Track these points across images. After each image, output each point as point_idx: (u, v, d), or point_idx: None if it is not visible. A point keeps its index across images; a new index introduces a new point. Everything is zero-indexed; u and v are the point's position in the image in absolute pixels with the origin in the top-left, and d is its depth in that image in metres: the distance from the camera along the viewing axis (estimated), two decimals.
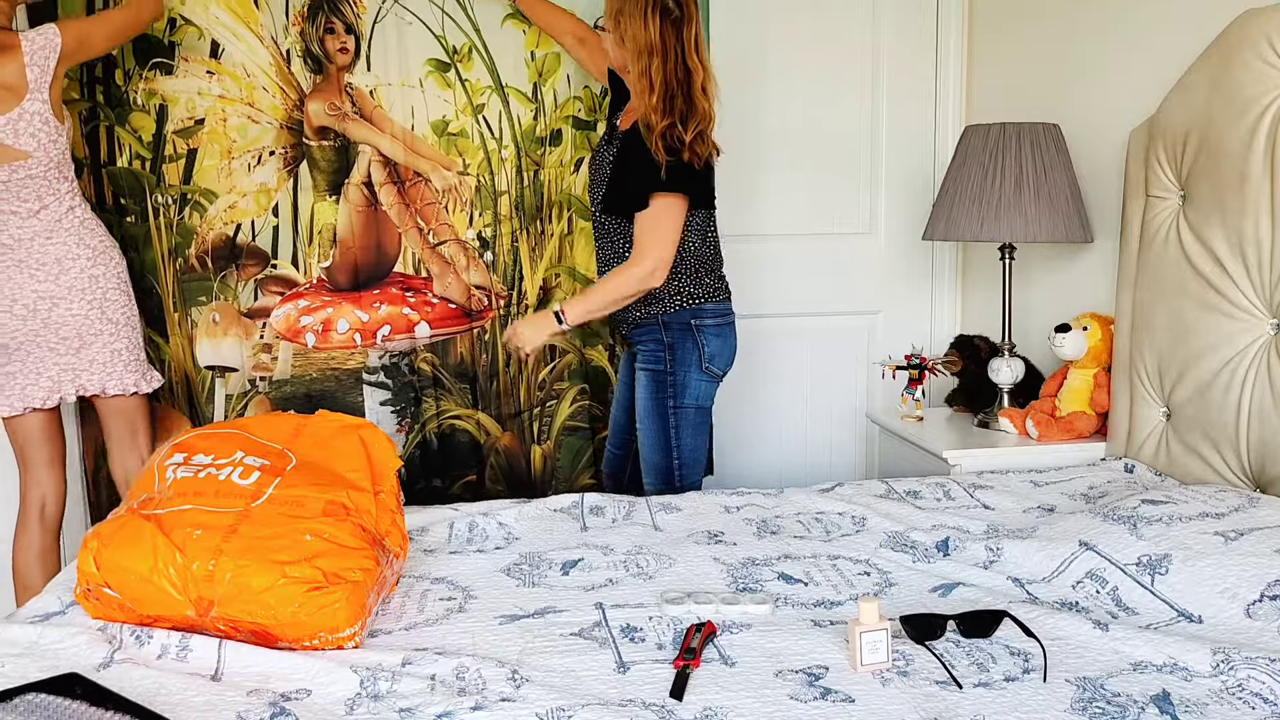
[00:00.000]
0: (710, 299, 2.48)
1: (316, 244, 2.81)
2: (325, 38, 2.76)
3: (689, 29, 2.34)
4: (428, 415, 2.91)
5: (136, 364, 2.49)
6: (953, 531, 1.99)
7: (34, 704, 1.24)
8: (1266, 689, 1.38)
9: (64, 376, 2.41)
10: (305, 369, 2.84)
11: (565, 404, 2.98)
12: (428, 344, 2.89)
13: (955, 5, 3.22)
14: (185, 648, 1.53)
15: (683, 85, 2.33)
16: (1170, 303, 2.29)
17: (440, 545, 2.02)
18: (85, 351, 2.41)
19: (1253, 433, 2.12)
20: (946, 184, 2.72)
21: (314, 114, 2.78)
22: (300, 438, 1.84)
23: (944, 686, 1.42)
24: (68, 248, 2.37)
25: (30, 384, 2.40)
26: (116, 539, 1.58)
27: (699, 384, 2.49)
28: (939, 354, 3.07)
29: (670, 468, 2.53)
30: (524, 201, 2.88)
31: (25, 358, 2.39)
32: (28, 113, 2.30)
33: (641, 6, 2.32)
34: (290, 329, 2.81)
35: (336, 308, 2.83)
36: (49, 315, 2.36)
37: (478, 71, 2.83)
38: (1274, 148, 2.05)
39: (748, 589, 1.77)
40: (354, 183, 2.81)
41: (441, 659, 1.49)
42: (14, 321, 2.36)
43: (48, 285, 2.36)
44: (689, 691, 1.41)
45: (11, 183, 2.31)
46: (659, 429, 2.51)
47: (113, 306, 2.43)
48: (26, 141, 2.30)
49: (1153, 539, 1.77)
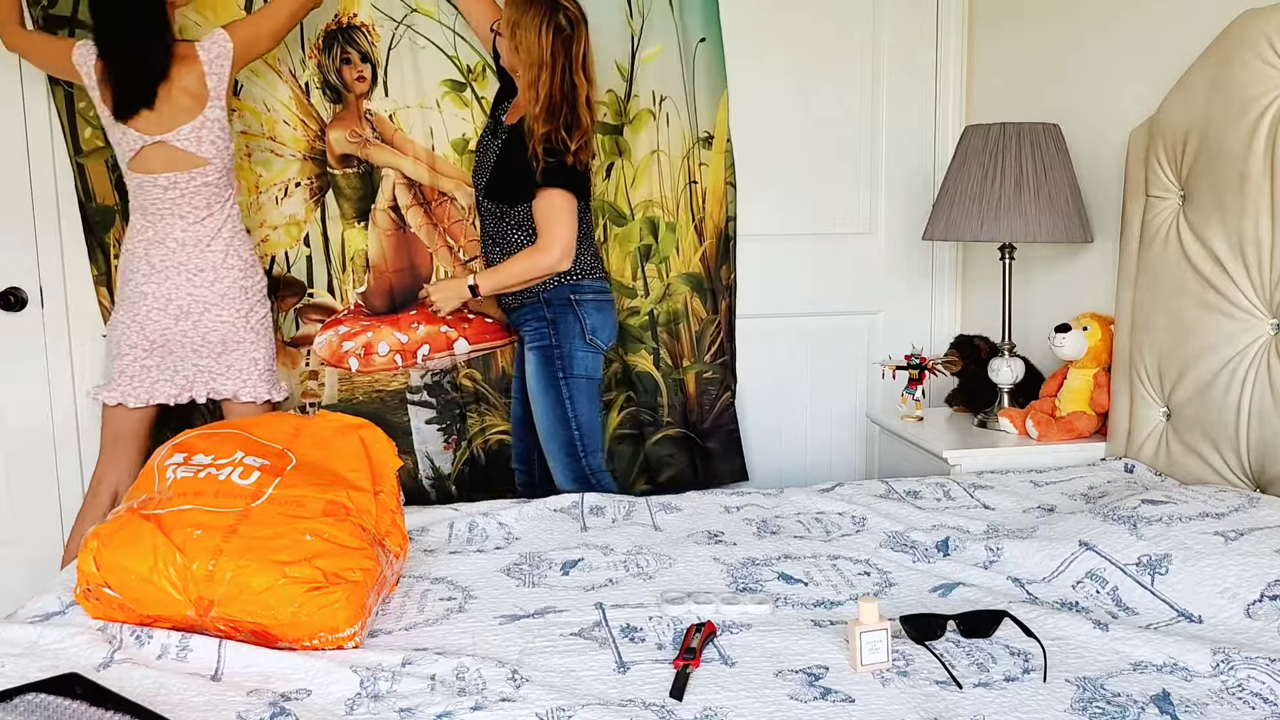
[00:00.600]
0: (588, 276, 2.65)
1: (350, 270, 2.85)
2: (342, 68, 2.79)
3: (578, 45, 2.54)
4: (474, 431, 2.93)
5: (270, 374, 2.56)
6: (953, 531, 1.99)
7: (34, 704, 1.24)
8: (1266, 689, 1.38)
9: (199, 378, 2.49)
10: (351, 393, 2.88)
11: (614, 413, 3.01)
12: (467, 360, 2.91)
13: (955, 5, 3.22)
14: (185, 648, 1.53)
15: (568, 98, 2.52)
16: (1170, 303, 2.29)
17: (440, 545, 2.02)
18: (226, 357, 2.48)
19: (1253, 433, 2.12)
20: (946, 184, 2.72)
21: (336, 143, 2.80)
22: (300, 438, 1.84)
23: (944, 686, 1.42)
24: (223, 256, 2.44)
25: (164, 381, 2.48)
26: (116, 539, 1.58)
27: (585, 355, 2.65)
28: (939, 354, 3.07)
29: (571, 439, 2.66)
30: None
31: (166, 355, 2.46)
32: (209, 120, 2.39)
33: (537, 21, 2.49)
34: (333, 355, 2.85)
35: (376, 331, 2.87)
36: (200, 318, 2.44)
37: (492, 88, 2.85)
38: (1274, 148, 2.05)
39: (748, 589, 1.78)
40: (380, 208, 2.85)
41: (441, 659, 1.49)
42: (166, 319, 2.43)
43: (203, 290, 2.43)
44: (689, 691, 1.41)
45: (189, 190, 2.40)
46: (554, 402, 2.65)
47: (256, 317, 2.51)
48: (207, 149, 2.40)
49: (1153, 539, 1.77)
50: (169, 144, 2.38)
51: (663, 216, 2.99)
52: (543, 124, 2.49)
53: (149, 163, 2.39)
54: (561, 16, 2.51)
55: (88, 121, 2.68)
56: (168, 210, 2.41)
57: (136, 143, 2.38)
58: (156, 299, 2.42)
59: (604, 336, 2.67)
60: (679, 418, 3.06)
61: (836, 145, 3.23)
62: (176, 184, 2.39)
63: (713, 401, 3.10)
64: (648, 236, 2.98)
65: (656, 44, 2.94)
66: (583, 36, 2.55)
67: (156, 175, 2.38)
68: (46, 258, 2.81)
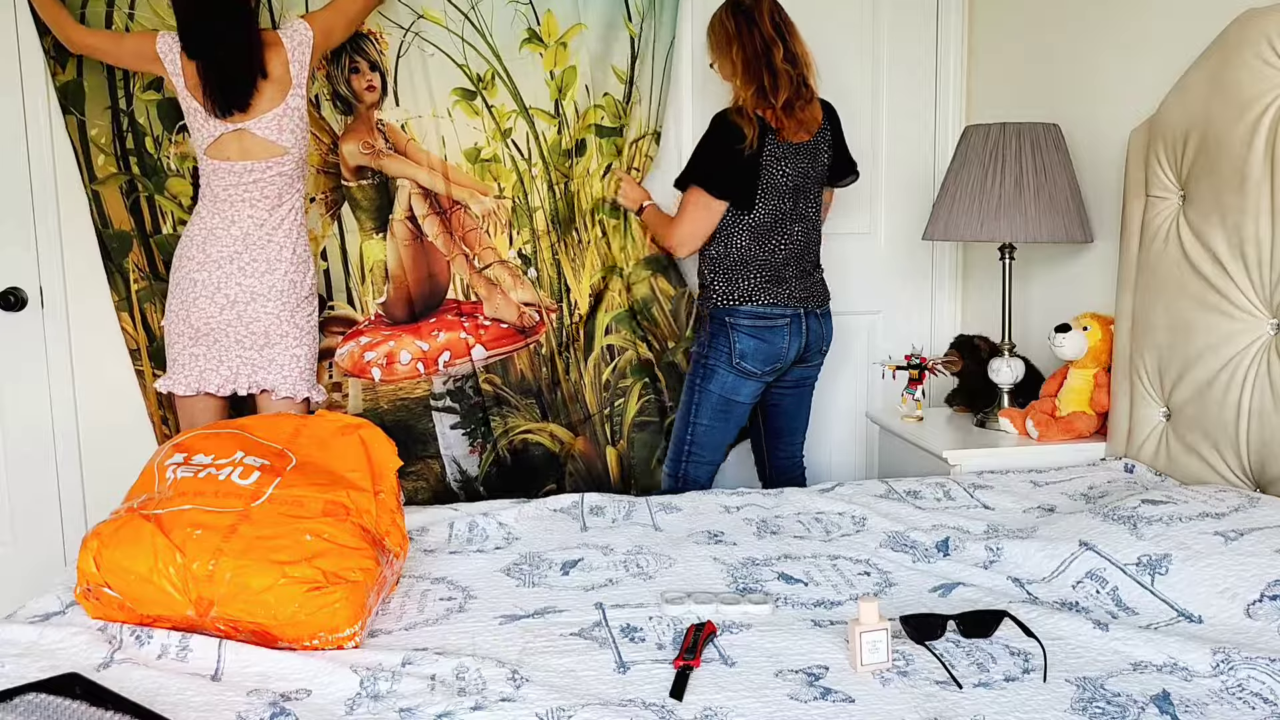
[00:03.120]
0: (748, 302, 2.64)
1: (370, 281, 2.86)
2: (351, 78, 2.78)
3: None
4: (498, 433, 2.94)
5: (310, 373, 2.57)
6: (953, 531, 1.99)
7: (34, 704, 1.24)
8: (1266, 689, 1.38)
9: (242, 370, 2.49)
10: (375, 402, 2.89)
11: (632, 401, 3.02)
12: (486, 364, 2.92)
13: (955, 5, 3.23)
14: (185, 648, 1.53)
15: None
16: (1170, 303, 2.29)
17: (440, 545, 2.02)
18: (269, 350, 2.48)
19: (1253, 433, 2.12)
20: (946, 184, 2.72)
21: (349, 155, 2.80)
22: (300, 438, 1.84)
23: (944, 686, 1.42)
24: (280, 249, 2.45)
25: (210, 370, 2.48)
26: (116, 539, 1.58)
27: (726, 375, 2.67)
28: (939, 354, 3.07)
29: (684, 440, 2.75)
30: (558, 214, 2.92)
31: (212, 344, 2.46)
32: (291, 108, 2.40)
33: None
34: (356, 366, 2.85)
35: (398, 340, 2.88)
36: (245, 309, 2.44)
37: (501, 96, 2.85)
38: (1274, 148, 2.05)
39: (748, 589, 1.77)
40: (397, 218, 2.85)
41: (441, 659, 1.49)
42: (213, 308, 2.43)
43: (252, 281, 2.43)
44: (689, 691, 1.41)
45: (264, 179, 2.40)
46: (685, 403, 2.76)
47: (302, 314, 2.51)
48: (286, 138, 2.41)
49: (1153, 539, 1.77)
50: (250, 131, 2.38)
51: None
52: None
53: (226, 149, 2.39)
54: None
55: (100, 149, 2.68)
56: (239, 198, 2.41)
57: (217, 129, 2.38)
58: (206, 286, 2.42)
59: (754, 362, 2.65)
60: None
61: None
62: (252, 172, 2.40)
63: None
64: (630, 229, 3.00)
65: (652, 46, 2.95)
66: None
67: (233, 162, 2.39)
68: (46, 258, 2.81)
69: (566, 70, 2.87)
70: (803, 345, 2.70)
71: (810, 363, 2.79)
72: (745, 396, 2.70)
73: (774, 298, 2.64)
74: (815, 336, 2.73)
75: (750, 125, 2.52)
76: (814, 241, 2.74)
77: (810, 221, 2.70)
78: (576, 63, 2.87)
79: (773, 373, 2.70)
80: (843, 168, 2.77)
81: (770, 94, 2.54)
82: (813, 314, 2.71)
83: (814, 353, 2.77)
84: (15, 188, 2.77)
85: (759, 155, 2.55)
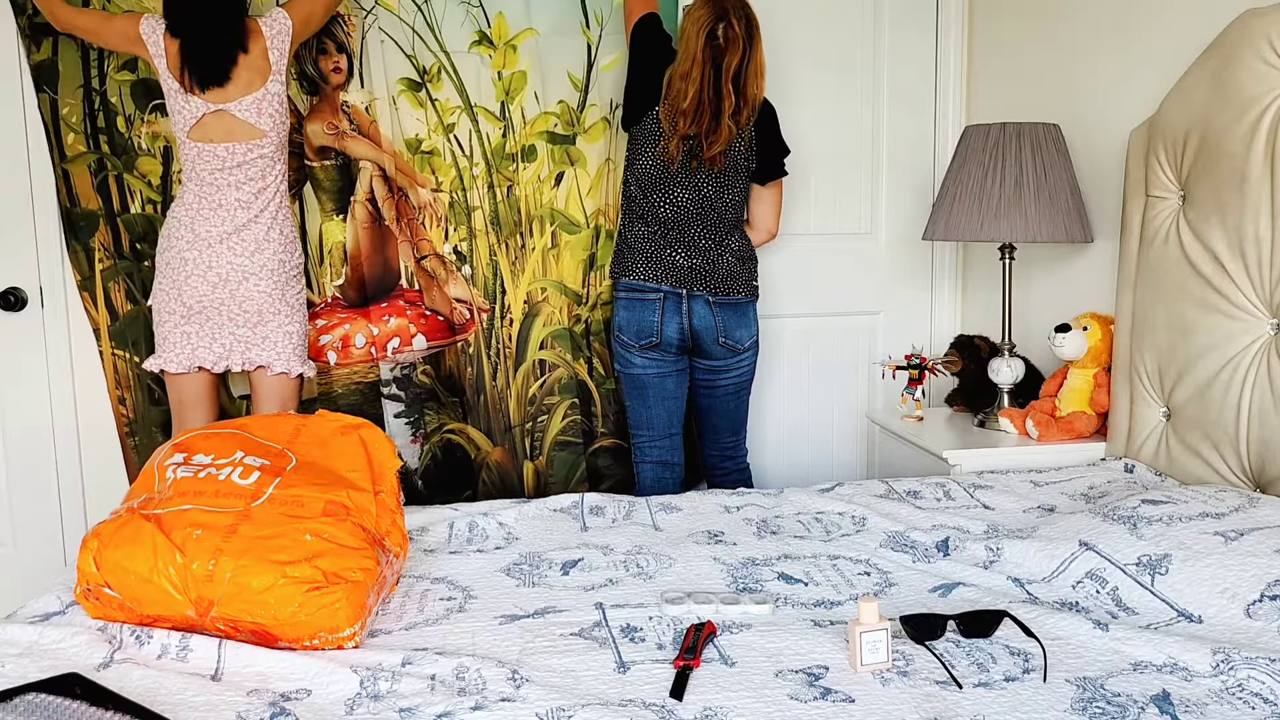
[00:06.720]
0: (625, 275, 2.73)
1: (329, 264, 2.84)
2: (319, 58, 2.77)
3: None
4: (431, 428, 2.93)
5: (302, 349, 2.61)
6: (953, 531, 1.99)
7: (34, 704, 1.24)
8: (1266, 689, 1.38)
9: (236, 347, 2.53)
10: (329, 386, 2.87)
11: (556, 419, 2.97)
12: (425, 356, 2.90)
13: (955, 5, 3.22)
14: (185, 648, 1.53)
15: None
16: (1170, 303, 2.29)
17: (440, 545, 2.02)
18: (261, 328, 2.53)
19: (1253, 433, 2.12)
20: (946, 184, 2.72)
21: (313, 135, 2.79)
22: (300, 438, 1.84)
23: (944, 686, 1.42)
24: (266, 230, 2.50)
25: (203, 347, 2.52)
26: (116, 539, 1.58)
27: (619, 351, 2.77)
28: (939, 354, 3.07)
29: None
30: (499, 216, 2.88)
31: (204, 322, 2.50)
32: (270, 93, 2.47)
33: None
34: (313, 349, 2.83)
35: (352, 323, 2.87)
36: (238, 288, 2.48)
37: (447, 91, 2.83)
38: (1274, 148, 2.05)
39: (748, 589, 1.77)
40: (358, 200, 2.83)
41: (441, 659, 1.49)
42: (205, 286, 2.47)
43: (243, 260, 2.47)
44: (689, 691, 1.41)
45: (246, 162, 2.46)
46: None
47: (292, 292, 2.56)
48: (265, 121, 2.47)
49: (1153, 539, 1.77)
50: (229, 113, 2.43)
51: (605, 225, 2.94)
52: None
53: (209, 131, 2.44)
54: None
55: (70, 127, 2.68)
56: (225, 181, 2.46)
57: (199, 110, 2.42)
58: (197, 265, 2.46)
59: (628, 334, 2.70)
60: (613, 428, 3.01)
61: (837, 145, 3.24)
62: (234, 154, 2.45)
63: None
64: (593, 245, 2.95)
65: (615, 53, 2.90)
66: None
67: (215, 144, 2.44)
68: (46, 258, 2.81)
69: (515, 74, 2.85)
70: (686, 330, 2.67)
71: (714, 357, 2.73)
72: (638, 369, 2.73)
73: (649, 274, 2.68)
74: (705, 324, 2.67)
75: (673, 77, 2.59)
76: (714, 224, 2.68)
77: (708, 201, 2.66)
78: (526, 68, 2.84)
79: (652, 349, 2.69)
80: (769, 169, 2.76)
81: (684, 116, 2.57)
82: (701, 299, 2.67)
83: (711, 344, 2.70)
84: (15, 189, 2.77)
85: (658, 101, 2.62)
